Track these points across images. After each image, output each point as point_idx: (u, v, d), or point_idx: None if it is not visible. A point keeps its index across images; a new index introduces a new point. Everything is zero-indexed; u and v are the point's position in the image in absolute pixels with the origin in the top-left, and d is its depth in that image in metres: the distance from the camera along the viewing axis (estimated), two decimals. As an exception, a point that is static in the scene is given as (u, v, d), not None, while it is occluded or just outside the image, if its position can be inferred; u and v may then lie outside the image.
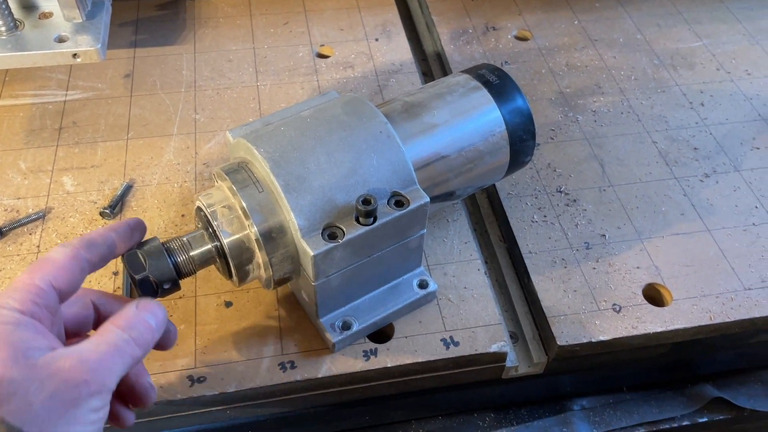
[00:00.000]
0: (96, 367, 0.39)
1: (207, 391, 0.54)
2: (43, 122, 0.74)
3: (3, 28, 0.67)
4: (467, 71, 0.61)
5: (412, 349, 0.56)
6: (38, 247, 0.63)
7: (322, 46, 0.84)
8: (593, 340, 0.57)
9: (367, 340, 0.57)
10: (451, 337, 0.57)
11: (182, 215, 0.66)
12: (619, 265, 0.63)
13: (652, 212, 0.67)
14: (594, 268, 0.62)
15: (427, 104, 0.58)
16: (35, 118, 0.74)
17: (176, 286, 0.50)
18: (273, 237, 0.50)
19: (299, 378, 0.55)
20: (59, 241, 0.63)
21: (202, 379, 0.54)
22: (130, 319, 0.43)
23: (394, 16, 0.88)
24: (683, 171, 0.71)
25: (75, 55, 0.67)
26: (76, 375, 0.38)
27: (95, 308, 0.48)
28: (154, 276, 0.49)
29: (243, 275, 0.52)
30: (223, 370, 0.55)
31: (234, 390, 0.54)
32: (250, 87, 0.79)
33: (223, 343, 0.57)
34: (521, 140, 0.59)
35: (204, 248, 0.51)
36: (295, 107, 0.58)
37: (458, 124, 0.57)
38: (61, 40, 0.67)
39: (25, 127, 0.73)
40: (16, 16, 0.69)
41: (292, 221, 0.49)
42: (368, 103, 0.55)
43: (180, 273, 0.50)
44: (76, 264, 0.44)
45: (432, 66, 0.87)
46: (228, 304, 0.59)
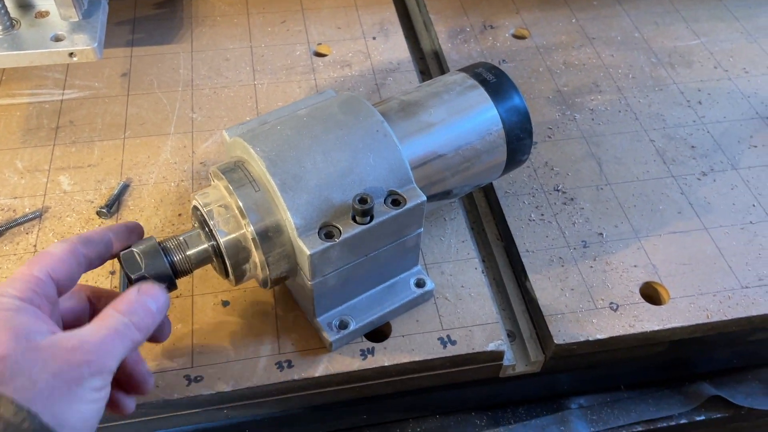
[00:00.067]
0: (96, 349, 0.40)
1: (204, 391, 0.54)
2: (40, 121, 0.74)
3: (-1, 27, 0.67)
4: (464, 70, 0.61)
5: (409, 348, 0.56)
6: (35, 246, 0.63)
7: (320, 44, 0.84)
8: (590, 338, 0.57)
9: (364, 339, 0.57)
10: (448, 336, 0.57)
11: (179, 214, 0.66)
12: (616, 263, 0.63)
13: (649, 211, 0.67)
14: (591, 267, 0.62)
15: (424, 103, 0.58)
16: (32, 117, 0.74)
17: (173, 286, 0.50)
18: (269, 236, 0.50)
19: (296, 377, 0.55)
20: (56, 241, 0.63)
21: (198, 379, 0.54)
22: (131, 303, 0.44)
23: (391, 14, 0.88)
24: (681, 169, 0.71)
25: (71, 54, 0.67)
26: (77, 356, 0.39)
27: (90, 303, 0.50)
28: (151, 275, 0.49)
29: (239, 274, 0.52)
30: (220, 370, 0.55)
31: (231, 389, 0.54)
32: (248, 86, 0.78)
33: (219, 343, 0.57)
34: (518, 139, 0.59)
35: (200, 247, 0.51)
36: (291, 106, 0.57)
37: (455, 123, 0.57)
38: (57, 39, 0.67)
39: (21, 127, 0.73)
40: (12, 15, 0.69)
41: (289, 220, 0.49)
42: (365, 102, 0.55)
43: (176, 272, 0.51)
44: (73, 258, 0.46)
45: (430, 64, 0.87)
46: (225, 304, 0.59)
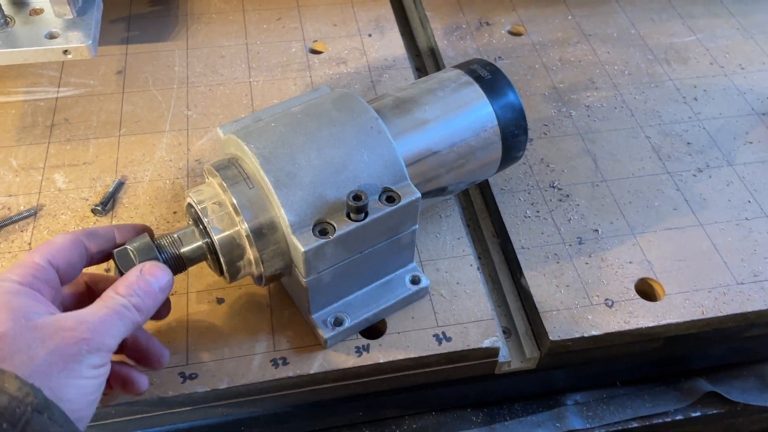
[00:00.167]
0: (95, 328, 0.41)
1: (199, 388, 0.54)
2: (35, 119, 0.74)
3: (-7, 25, 0.67)
4: (459, 66, 0.61)
5: (404, 344, 0.56)
6: (29, 244, 0.63)
7: (315, 41, 0.84)
8: (586, 335, 0.57)
9: (359, 336, 0.57)
10: (443, 333, 0.57)
11: (174, 212, 0.66)
12: (611, 260, 0.63)
13: (644, 207, 0.67)
14: (586, 263, 0.62)
15: (419, 100, 0.58)
16: (27, 115, 0.74)
17: (167, 283, 0.50)
18: (264, 233, 0.50)
19: (291, 374, 0.54)
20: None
21: (193, 376, 0.54)
22: (131, 284, 0.45)
23: (387, 11, 0.88)
24: (676, 166, 0.71)
25: (66, 52, 0.66)
26: (76, 333, 0.40)
27: (89, 289, 0.51)
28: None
29: (234, 272, 0.52)
30: (215, 367, 0.55)
31: (226, 386, 0.54)
32: (243, 83, 0.78)
33: (214, 340, 0.57)
34: (513, 135, 0.59)
35: (194, 245, 0.51)
36: (286, 103, 0.57)
37: (450, 120, 0.57)
38: (51, 36, 0.67)
39: (16, 124, 0.73)
40: (6, 12, 0.68)
41: (283, 217, 0.49)
42: (359, 99, 0.55)
43: (170, 269, 0.50)
44: (75, 247, 0.47)
45: (425, 61, 0.87)
46: (220, 301, 0.59)
